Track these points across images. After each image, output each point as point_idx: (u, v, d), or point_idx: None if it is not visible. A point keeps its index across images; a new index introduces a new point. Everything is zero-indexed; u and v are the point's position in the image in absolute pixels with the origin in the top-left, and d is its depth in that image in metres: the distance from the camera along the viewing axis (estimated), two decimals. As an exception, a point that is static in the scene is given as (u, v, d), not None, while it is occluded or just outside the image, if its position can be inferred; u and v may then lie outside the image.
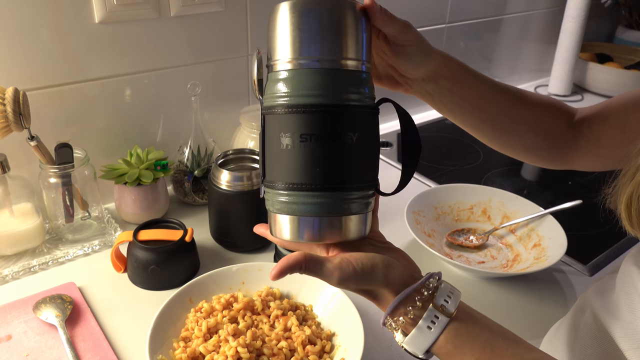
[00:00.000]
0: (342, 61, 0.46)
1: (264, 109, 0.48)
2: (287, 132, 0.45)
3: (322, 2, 0.45)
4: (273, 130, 0.47)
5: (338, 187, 0.46)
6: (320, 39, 0.45)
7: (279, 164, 0.47)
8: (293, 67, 0.46)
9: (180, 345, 0.65)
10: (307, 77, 0.45)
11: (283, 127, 0.46)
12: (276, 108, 0.46)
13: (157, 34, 0.92)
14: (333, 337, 0.68)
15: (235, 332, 0.65)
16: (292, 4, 0.45)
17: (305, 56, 0.45)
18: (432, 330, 0.45)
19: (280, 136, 0.46)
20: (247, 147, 0.97)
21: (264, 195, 0.50)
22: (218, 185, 0.84)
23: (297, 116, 0.45)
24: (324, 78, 0.45)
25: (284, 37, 0.46)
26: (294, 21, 0.45)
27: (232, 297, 0.71)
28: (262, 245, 0.88)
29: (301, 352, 0.64)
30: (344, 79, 0.46)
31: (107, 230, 0.89)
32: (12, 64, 0.81)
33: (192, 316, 0.69)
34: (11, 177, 0.81)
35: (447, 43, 1.39)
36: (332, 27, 0.45)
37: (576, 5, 1.48)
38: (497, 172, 1.19)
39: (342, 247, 0.49)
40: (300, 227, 0.47)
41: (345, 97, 0.46)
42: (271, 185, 0.48)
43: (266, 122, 0.48)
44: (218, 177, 0.84)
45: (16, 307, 0.73)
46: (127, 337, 0.70)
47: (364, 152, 0.47)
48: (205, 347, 0.64)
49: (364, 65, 0.47)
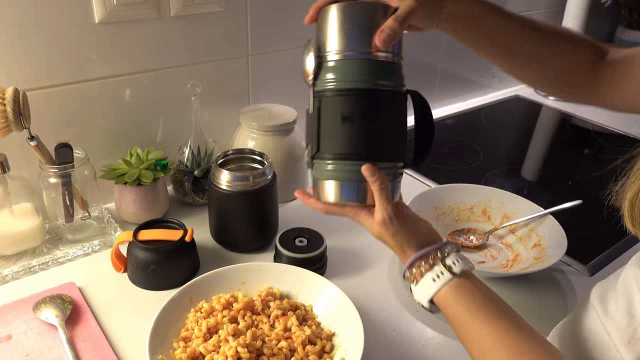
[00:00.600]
0: (379, 53, 0.56)
1: (316, 92, 0.58)
2: (336, 111, 0.56)
3: (362, 8, 0.56)
4: (325, 109, 0.57)
5: (376, 158, 0.56)
6: (362, 36, 0.55)
7: (327, 138, 0.57)
8: (341, 58, 0.56)
9: (180, 345, 0.65)
10: (352, 66, 0.56)
11: (333, 107, 0.56)
12: (327, 92, 0.56)
13: (157, 34, 0.92)
14: (333, 337, 0.68)
15: (235, 332, 0.65)
16: (340, 8, 0.56)
17: (351, 49, 0.56)
18: (436, 282, 0.55)
19: (331, 115, 0.56)
20: (247, 147, 0.97)
21: (314, 167, 0.60)
22: (218, 185, 0.84)
23: (344, 98, 0.56)
24: (366, 67, 0.56)
25: (334, 33, 0.56)
26: (342, 21, 0.56)
27: (232, 297, 0.71)
28: (263, 246, 0.88)
29: (301, 352, 0.65)
30: (381, 68, 0.56)
31: (107, 230, 0.89)
32: (12, 64, 0.81)
33: (192, 316, 0.69)
34: (11, 177, 0.81)
35: (447, 43, 1.39)
36: (371, 27, 0.55)
37: (576, 5, 1.48)
38: (497, 172, 1.19)
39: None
40: (343, 191, 0.58)
41: (382, 84, 0.56)
42: (320, 156, 0.58)
43: (321, 103, 0.57)
44: (218, 177, 0.84)
45: (16, 307, 0.73)
46: (127, 337, 0.70)
47: (396, 130, 0.57)
48: (205, 347, 0.64)
49: (396, 57, 0.57)
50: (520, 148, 1.36)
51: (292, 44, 1.09)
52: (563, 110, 1.56)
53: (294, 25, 1.08)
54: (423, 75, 1.39)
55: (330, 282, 0.73)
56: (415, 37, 1.29)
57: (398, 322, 0.75)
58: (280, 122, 0.96)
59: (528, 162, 1.28)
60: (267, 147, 0.96)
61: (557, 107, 1.58)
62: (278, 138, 0.97)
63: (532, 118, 1.54)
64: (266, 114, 0.99)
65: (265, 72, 1.08)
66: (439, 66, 1.41)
